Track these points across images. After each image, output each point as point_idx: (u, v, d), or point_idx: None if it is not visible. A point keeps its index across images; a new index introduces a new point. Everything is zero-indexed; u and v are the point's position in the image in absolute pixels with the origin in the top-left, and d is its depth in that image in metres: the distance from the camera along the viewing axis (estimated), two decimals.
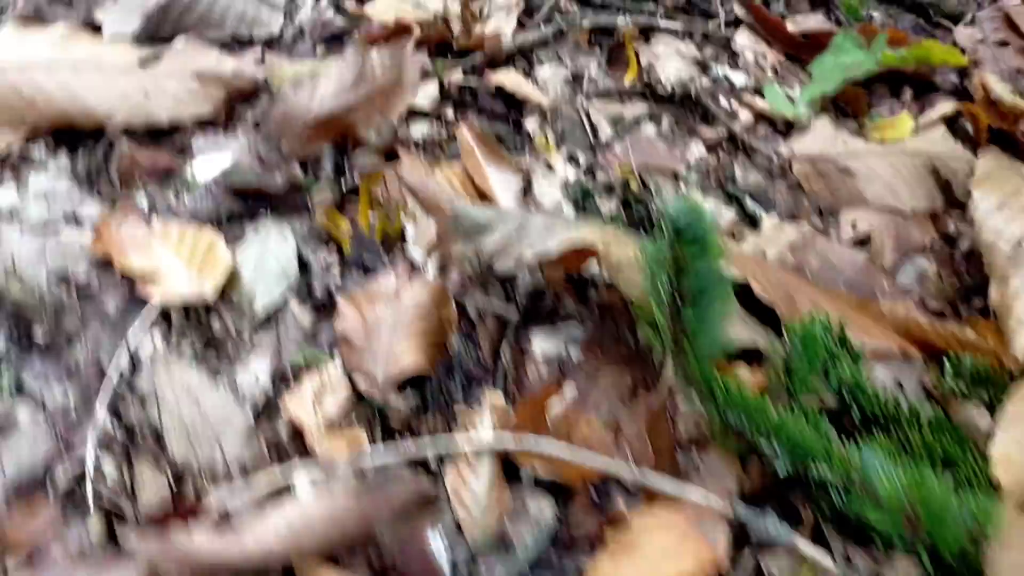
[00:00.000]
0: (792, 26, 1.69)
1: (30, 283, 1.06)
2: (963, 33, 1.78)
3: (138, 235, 1.14)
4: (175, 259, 1.11)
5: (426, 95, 1.41)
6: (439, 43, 1.50)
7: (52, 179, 1.19)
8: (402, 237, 1.23)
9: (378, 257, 1.19)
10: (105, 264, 1.11)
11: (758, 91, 1.59)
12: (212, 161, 1.26)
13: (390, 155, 1.27)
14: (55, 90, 1.22)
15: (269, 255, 1.15)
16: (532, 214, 1.16)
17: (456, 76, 1.44)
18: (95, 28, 1.38)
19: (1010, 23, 1.78)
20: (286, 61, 1.39)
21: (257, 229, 1.19)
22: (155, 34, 1.37)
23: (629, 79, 1.54)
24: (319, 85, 1.27)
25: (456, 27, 1.49)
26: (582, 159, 1.40)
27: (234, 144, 1.28)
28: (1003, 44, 1.75)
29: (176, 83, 1.28)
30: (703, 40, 1.66)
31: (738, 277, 1.22)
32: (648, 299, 0.96)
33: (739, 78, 1.61)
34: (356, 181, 1.29)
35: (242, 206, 1.21)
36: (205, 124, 1.30)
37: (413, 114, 1.39)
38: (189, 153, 1.27)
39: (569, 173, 1.37)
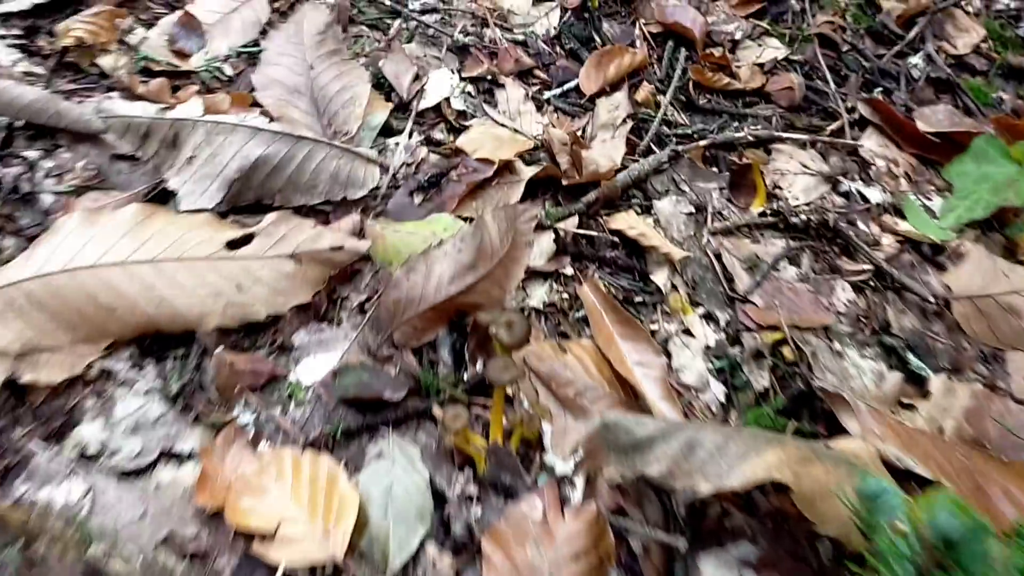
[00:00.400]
0: (923, 124, 1.52)
1: (133, 554, 0.91)
2: None
3: (248, 474, 0.98)
4: (295, 506, 0.96)
5: (541, 250, 1.24)
6: (545, 179, 1.33)
7: (141, 402, 1.04)
8: (540, 442, 1.07)
9: (518, 475, 1.03)
10: (215, 517, 0.95)
11: (896, 209, 1.42)
12: (318, 361, 1.10)
13: None
14: (137, 294, 1.06)
15: (398, 486, 1.00)
16: (699, 428, 1.00)
17: (571, 223, 1.28)
18: (166, 194, 1.21)
19: None
20: (387, 224, 1.22)
21: (378, 449, 1.03)
22: (237, 202, 1.21)
23: (757, 207, 1.37)
24: (434, 267, 1.11)
25: (562, 159, 1.32)
26: (721, 317, 1.23)
27: (339, 336, 1.12)
28: None
29: (271, 269, 1.12)
30: (827, 148, 1.48)
31: (921, 468, 1.09)
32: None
33: (874, 194, 1.43)
34: (477, 369, 1.13)
35: (358, 418, 1.06)
36: (305, 311, 1.14)
37: (529, 275, 1.22)
38: (291, 351, 1.11)
39: (709, 336, 1.21)
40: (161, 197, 1.22)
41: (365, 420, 1.06)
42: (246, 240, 1.14)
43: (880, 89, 1.60)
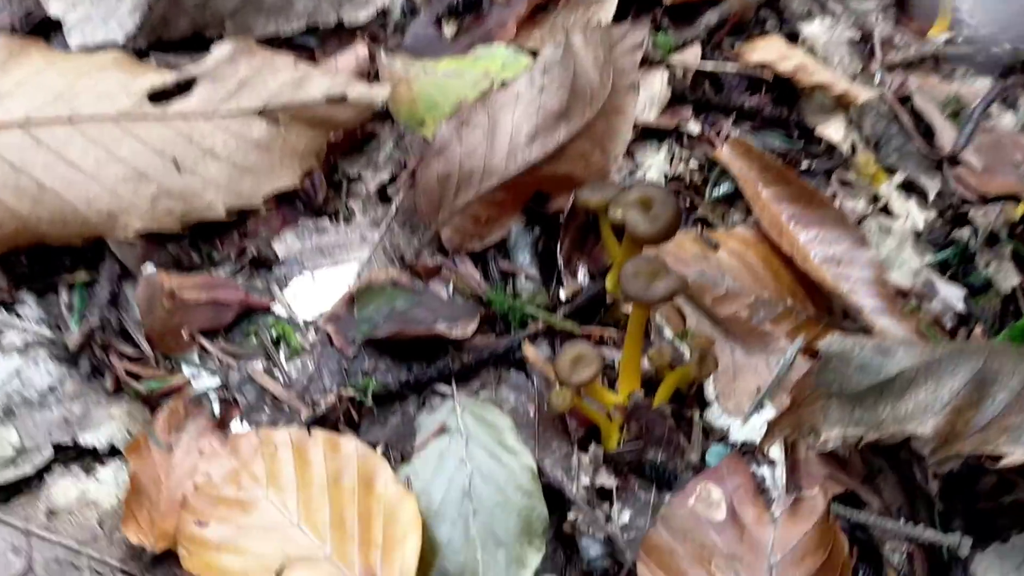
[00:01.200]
0: None
1: None
2: None
3: (216, 479, 0.57)
4: (309, 531, 0.54)
5: (651, 97, 0.82)
6: None
7: (16, 364, 0.61)
8: (699, 393, 0.66)
9: (675, 449, 0.62)
10: (159, 565, 0.53)
11: None
12: (320, 281, 0.67)
13: None
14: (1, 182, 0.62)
15: (482, 482, 0.60)
16: (982, 353, 0.59)
17: (689, 56, 0.85)
18: (47, 26, 0.76)
19: None
20: (411, 62, 0.78)
21: (439, 419, 0.62)
22: (163, 34, 0.76)
23: (939, 32, 0.95)
24: (501, 119, 0.68)
25: None
26: (928, 186, 0.82)
27: (352, 240, 0.70)
28: None
29: (229, 134, 0.68)
30: None
31: None
32: None
33: None
34: (580, 281, 0.71)
35: (397, 370, 0.64)
36: (291, 202, 0.70)
37: (639, 135, 0.80)
38: (273, 268, 0.68)
39: (915, 215, 0.80)
40: (41, 30, 0.76)
41: (411, 373, 0.63)
42: (183, 89, 0.69)
43: None
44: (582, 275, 0.72)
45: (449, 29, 0.85)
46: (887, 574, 0.61)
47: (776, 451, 0.65)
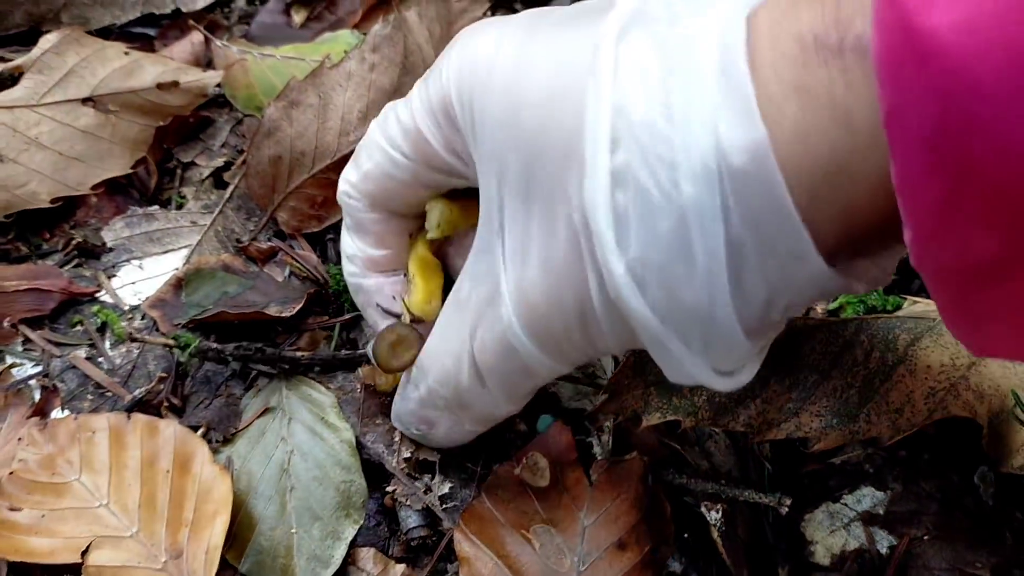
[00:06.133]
0: None
1: None
2: None
3: (32, 464, 0.58)
4: (118, 511, 0.57)
5: None
6: None
7: None
8: None
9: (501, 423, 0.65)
10: None
11: None
12: (148, 268, 0.69)
13: None
14: None
15: (301, 460, 0.62)
16: (787, 332, 0.63)
17: None
18: None
19: None
20: (250, 48, 0.80)
21: (263, 400, 0.64)
22: None
23: None
24: (333, 98, 0.70)
25: None
26: None
27: (183, 226, 0.71)
28: None
29: (53, 122, 0.70)
30: None
31: None
32: None
33: None
34: None
35: (223, 353, 0.65)
36: (122, 192, 0.72)
37: None
38: (100, 256, 0.70)
39: None
40: None
41: (236, 352, 0.65)
42: (9, 82, 0.71)
43: None
44: None
45: (299, 17, 0.87)
46: (711, 534, 0.64)
47: (604, 418, 0.68)
